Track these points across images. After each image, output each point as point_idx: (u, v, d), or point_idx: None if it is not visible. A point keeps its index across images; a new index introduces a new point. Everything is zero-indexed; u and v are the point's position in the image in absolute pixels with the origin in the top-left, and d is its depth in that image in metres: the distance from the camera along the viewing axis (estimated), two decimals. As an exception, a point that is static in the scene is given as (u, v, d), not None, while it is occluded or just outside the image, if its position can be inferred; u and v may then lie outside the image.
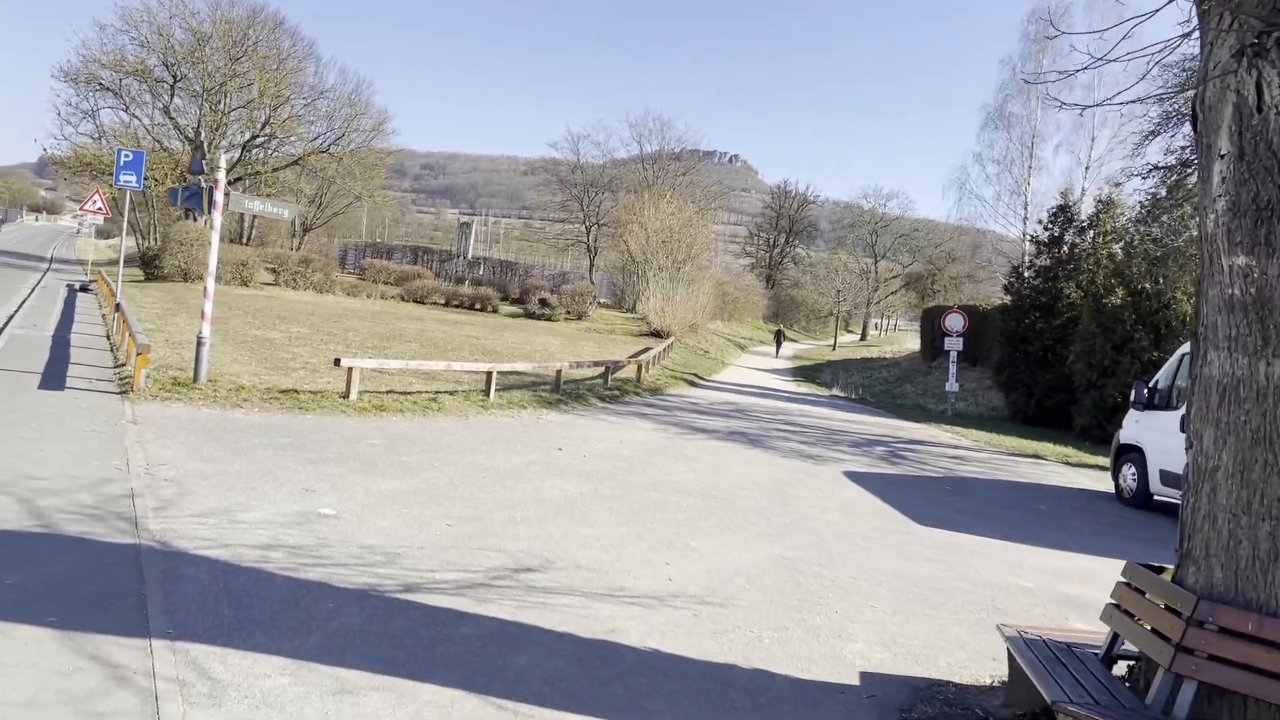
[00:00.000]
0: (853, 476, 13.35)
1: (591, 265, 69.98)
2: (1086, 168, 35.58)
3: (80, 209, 26.98)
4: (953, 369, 28.37)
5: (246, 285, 40.38)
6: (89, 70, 43.30)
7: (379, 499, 8.46)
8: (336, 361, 13.28)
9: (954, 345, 28.24)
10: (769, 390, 29.82)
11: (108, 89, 44.21)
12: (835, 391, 33.27)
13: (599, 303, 50.35)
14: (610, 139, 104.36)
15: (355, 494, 8.53)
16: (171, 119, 44.54)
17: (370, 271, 51.30)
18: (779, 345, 62.64)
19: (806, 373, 46.71)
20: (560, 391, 18.05)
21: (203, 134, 43.61)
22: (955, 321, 28.70)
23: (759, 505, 10.48)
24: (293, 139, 49.37)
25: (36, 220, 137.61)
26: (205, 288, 12.79)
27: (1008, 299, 31.00)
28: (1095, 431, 23.10)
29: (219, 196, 12.56)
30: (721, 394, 25.39)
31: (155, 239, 40.71)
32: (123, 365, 14.07)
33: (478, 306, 47.46)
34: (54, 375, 12.74)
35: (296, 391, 13.72)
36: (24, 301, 24.81)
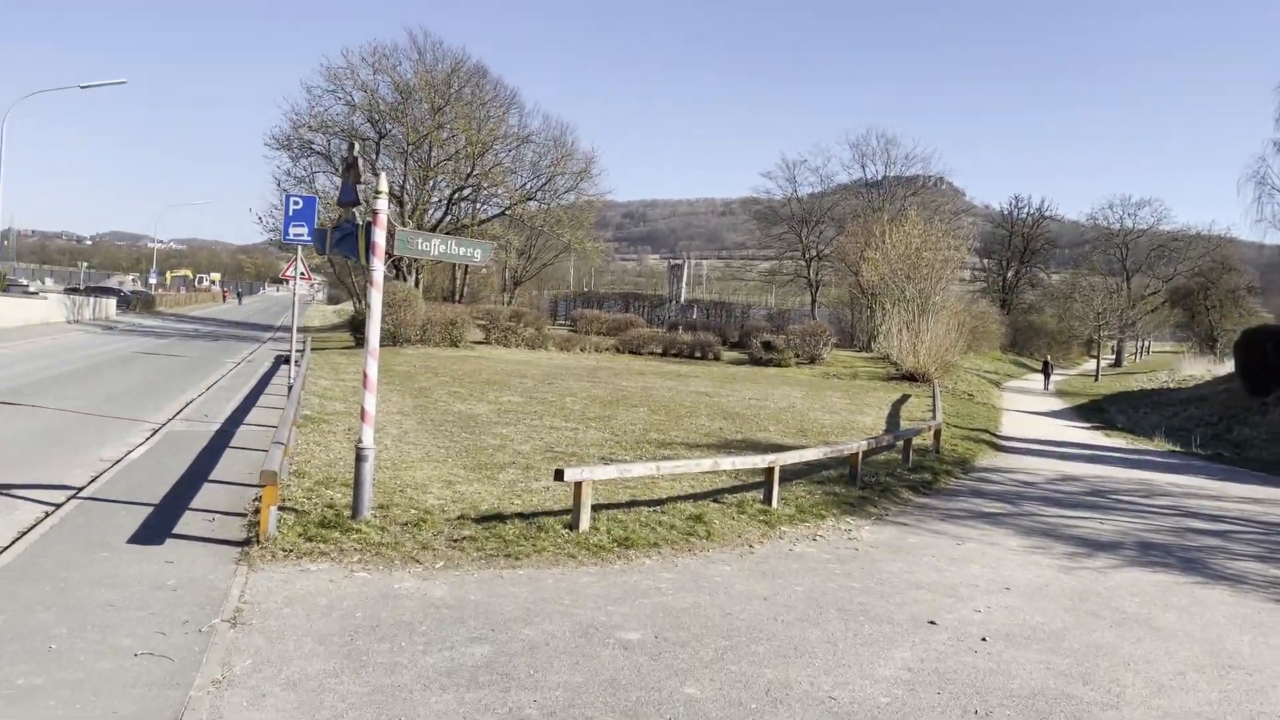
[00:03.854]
0: None
1: (814, 302, 64.26)
2: None
3: (283, 275, 24.49)
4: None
5: (456, 345, 37.79)
6: (299, 135, 42.69)
7: None
8: (559, 475, 8.68)
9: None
10: (1087, 448, 23.22)
11: (318, 153, 43.48)
12: (1163, 443, 26.03)
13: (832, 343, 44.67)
14: (829, 163, 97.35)
15: None
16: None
17: (582, 322, 48.16)
18: (1048, 377, 54.52)
19: (1091, 413, 38.97)
20: (859, 482, 12.82)
21: (408, 188, 41.91)
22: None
23: None
24: (498, 189, 47.16)
25: (277, 291, 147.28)
26: (365, 372, 8.54)
27: None
28: None
29: (379, 235, 8.32)
30: (1043, 461, 19.25)
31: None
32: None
33: (698, 354, 43.05)
34: (164, 513, 8.82)
35: (502, 518, 9.22)
36: (217, 381, 22.31)
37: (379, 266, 8.45)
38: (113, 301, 52.93)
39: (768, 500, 10.82)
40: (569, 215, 50.10)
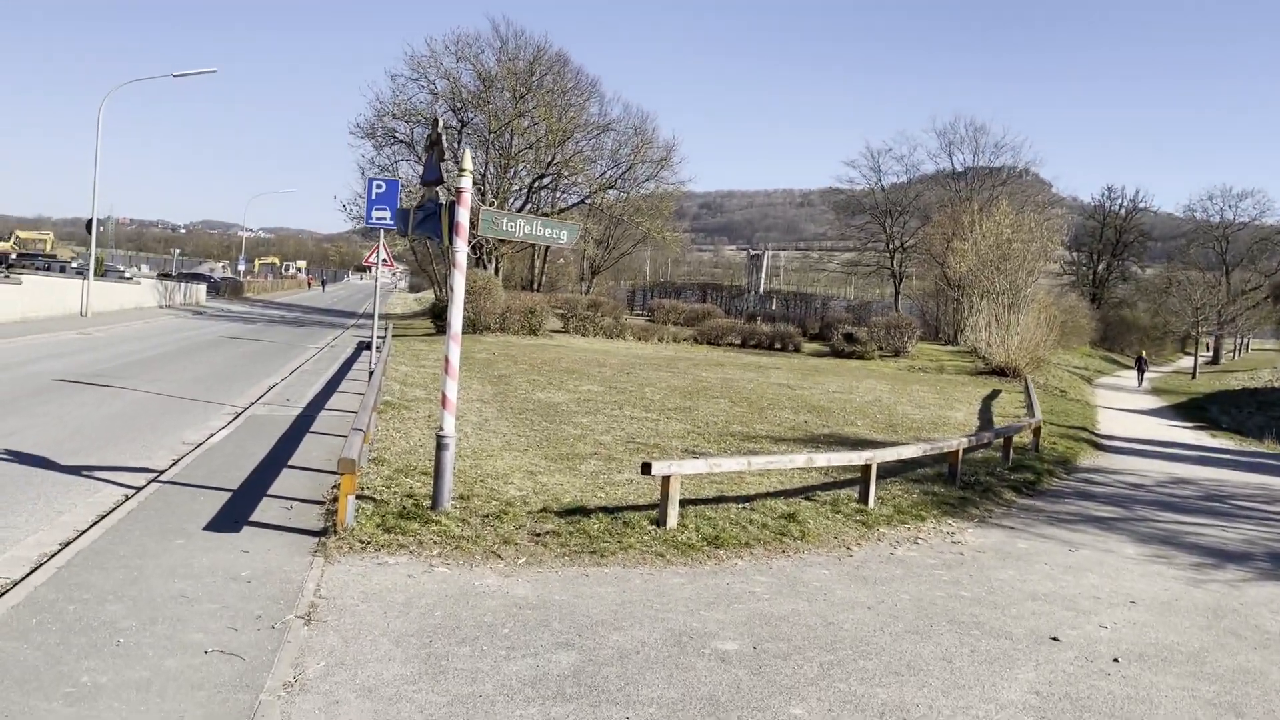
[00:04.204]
0: None
1: (897, 293, 62.66)
2: None
3: (365, 261, 24.57)
4: None
5: (535, 334, 37.70)
6: (383, 123, 43.05)
7: None
8: (645, 468, 8.23)
9: None
10: (1194, 449, 21.90)
11: (401, 141, 43.79)
12: (1274, 445, 24.45)
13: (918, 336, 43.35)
14: (915, 151, 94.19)
15: None
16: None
17: (660, 312, 47.68)
18: (1141, 373, 52.39)
19: (1192, 412, 37.08)
20: (958, 482, 12.09)
21: (489, 176, 41.98)
22: None
23: None
24: (578, 178, 46.96)
25: (360, 279, 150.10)
26: (447, 357, 8.20)
27: None
28: None
29: (462, 215, 7.96)
30: (1149, 462, 18.14)
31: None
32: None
33: (778, 346, 42.20)
34: (242, 499, 8.63)
35: (586, 512, 8.81)
36: (300, 365, 22.47)
37: (462, 247, 8.10)
38: (203, 287, 54.36)
39: (864, 499, 10.20)
40: (648, 204, 49.64)
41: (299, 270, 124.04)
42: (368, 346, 26.44)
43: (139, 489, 8.86)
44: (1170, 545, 10.31)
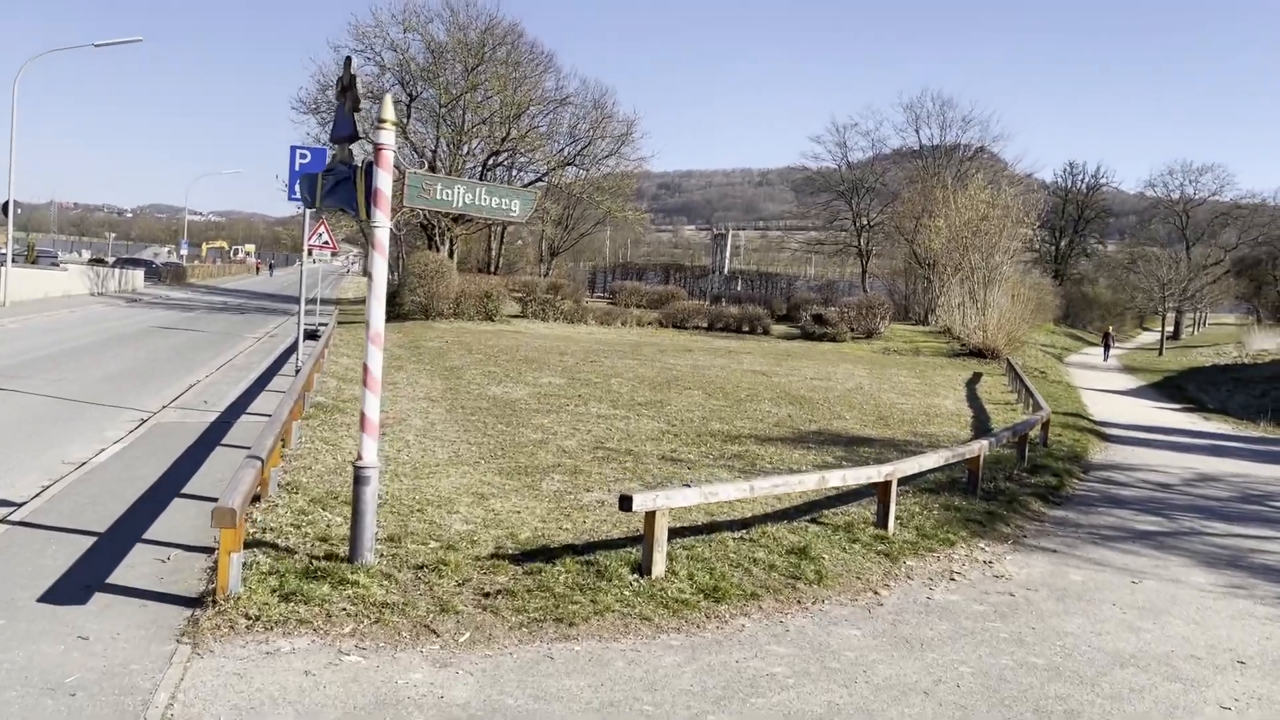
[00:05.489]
0: None
1: (864, 272, 61.29)
2: None
3: (306, 242, 22.39)
4: None
5: (492, 319, 35.70)
6: (327, 98, 40.49)
7: None
8: (625, 503, 6.43)
9: None
10: (1199, 435, 20.59)
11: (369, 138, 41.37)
12: (1271, 429, 23.25)
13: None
14: (881, 126, 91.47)
15: None
16: (409, 141, 40.96)
17: (622, 295, 45.80)
18: (1108, 349, 51.85)
19: (1171, 391, 36.16)
20: (979, 491, 10.47)
21: (440, 153, 39.76)
22: None
23: None
24: (535, 154, 44.78)
25: (314, 263, 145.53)
26: (366, 366, 6.33)
27: None
28: None
29: (383, 179, 6.07)
30: (1161, 455, 16.71)
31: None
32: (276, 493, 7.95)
33: (746, 329, 40.55)
34: (107, 548, 6.71)
35: (549, 554, 7.01)
36: (231, 359, 20.36)
37: (383, 222, 6.20)
38: (140, 273, 51.41)
39: (882, 523, 8.51)
40: (609, 183, 47.65)
41: (248, 254, 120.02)
42: (312, 335, 24.35)
43: (-22, 534, 6.92)
44: (1241, 570, 8.75)
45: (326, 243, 23.86)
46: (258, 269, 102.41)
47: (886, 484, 8.49)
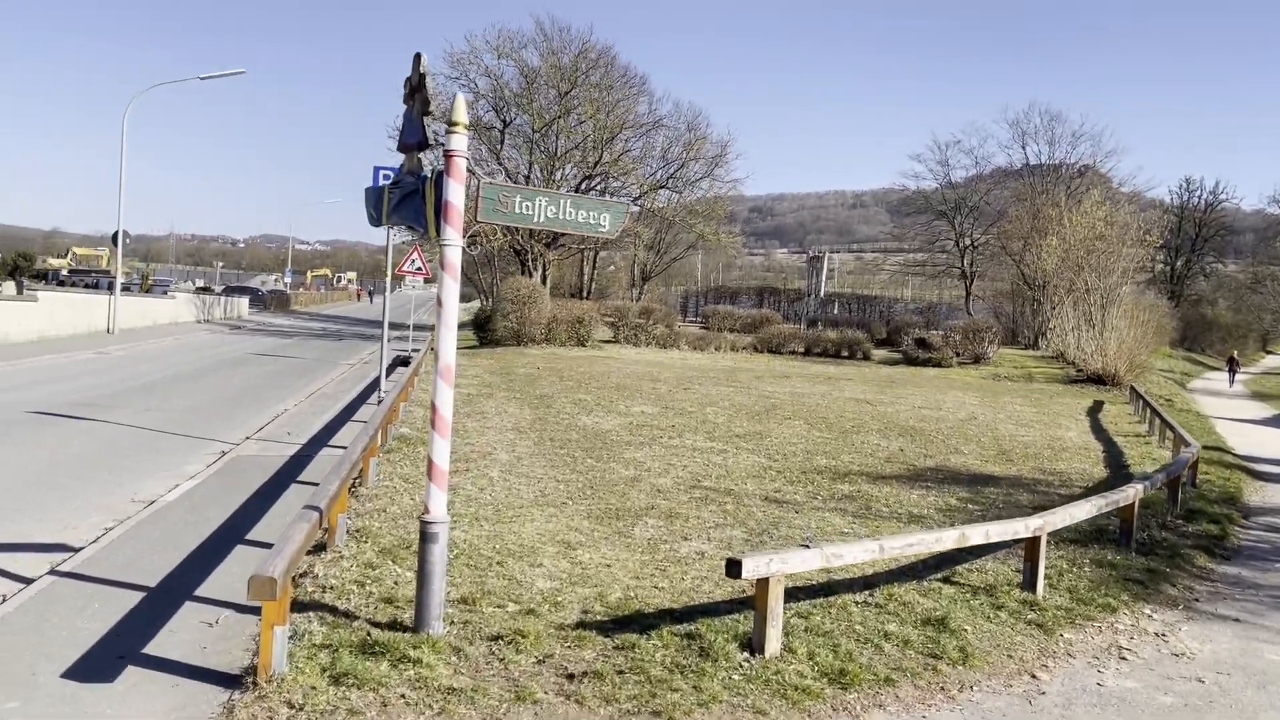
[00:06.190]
0: None
1: (968, 295, 58.89)
2: None
3: (398, 270, 22.16)
4: None
5: (584, 345, 35.10)
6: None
7: None
8: (733, 568, 5.44)
9: None
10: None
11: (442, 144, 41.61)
12: None
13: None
14: (985, 143, 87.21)
15: None
16: (503, 167, 40.92)
17: (715, 319, 44.82)
18: (1233, 374, 48.36)
19: (1316, 422, 33.19)
20: (1133, 545, 9.13)
21: (533, 178, 39.56)
22: None
23: None
24: (627, 179, 44.27)
25: (413, 289, 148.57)
26: (434, 405, 5.54)
27: None
28: None
29: (454, 191, 5.31)
30: (1327, 497, 14.84)
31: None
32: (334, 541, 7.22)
33: (844, 353, 39.05)
34: (151, 609, 6.05)
35: (643, 621, 6.07)
36: (322, 388, 20.10)
37: (454, 239, 5.42)
38: (245, 300, 52.73)
39: (1029, 585, 7.31)
40: (702, 206, 46.87)
41: (349, 282, 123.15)
42: (405, 363, 24.09)
43: (24, 585, 6.35)
44: None
45: (420, 269, 23.59)
46: (358, 295, 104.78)
47: (1035, 540, 7.28)
